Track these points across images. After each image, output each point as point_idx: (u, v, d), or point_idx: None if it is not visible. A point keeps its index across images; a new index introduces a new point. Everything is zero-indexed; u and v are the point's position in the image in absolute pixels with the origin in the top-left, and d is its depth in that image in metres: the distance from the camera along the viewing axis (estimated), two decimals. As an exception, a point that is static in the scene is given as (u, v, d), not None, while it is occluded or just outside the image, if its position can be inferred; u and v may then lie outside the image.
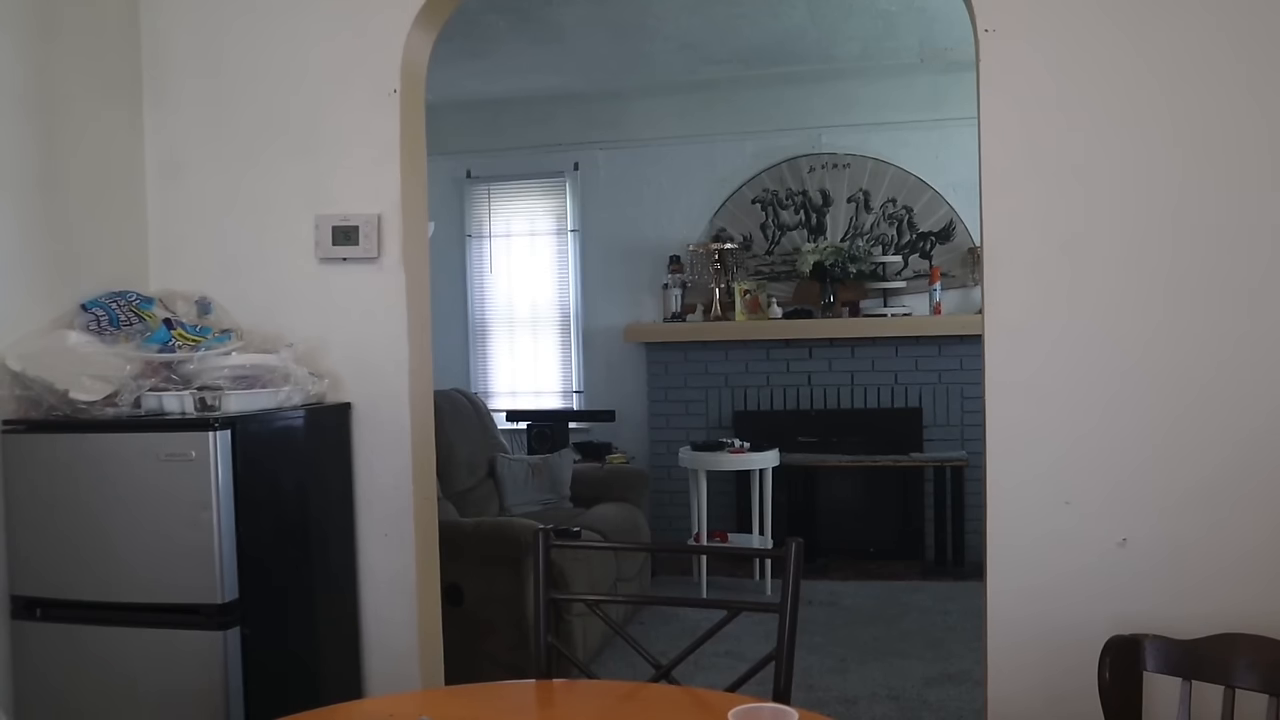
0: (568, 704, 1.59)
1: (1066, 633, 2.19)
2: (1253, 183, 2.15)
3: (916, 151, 5.67)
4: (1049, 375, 2.24)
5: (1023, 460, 2.26)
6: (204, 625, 2.15)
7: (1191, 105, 2.17)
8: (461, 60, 5.10)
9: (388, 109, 2.55)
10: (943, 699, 3.63)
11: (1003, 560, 2.27)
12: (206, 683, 2.14)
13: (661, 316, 5.91)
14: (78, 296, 2.42)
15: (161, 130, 2.68)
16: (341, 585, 2.56)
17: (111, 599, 2.18)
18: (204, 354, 2.34)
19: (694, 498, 5.22)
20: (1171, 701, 1.67)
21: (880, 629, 4.49)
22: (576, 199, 6.17)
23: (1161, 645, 1.70)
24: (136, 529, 2.17)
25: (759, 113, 5.80)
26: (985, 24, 2.26)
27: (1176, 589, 2.17)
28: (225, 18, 2.64)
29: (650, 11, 4.66)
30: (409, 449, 2.56)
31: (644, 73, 5.55)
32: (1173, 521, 2.19)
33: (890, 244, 5.75)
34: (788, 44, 5.11)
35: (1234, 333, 2.16)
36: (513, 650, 3.48)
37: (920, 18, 4.71)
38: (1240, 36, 2.15)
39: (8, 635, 2.24)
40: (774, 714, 1.20)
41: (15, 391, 2.24)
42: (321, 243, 2.56)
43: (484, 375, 6.41)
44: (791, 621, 1.64)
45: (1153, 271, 2.19)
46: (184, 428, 2.17)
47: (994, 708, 2.29)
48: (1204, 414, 2.18)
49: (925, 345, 5.60)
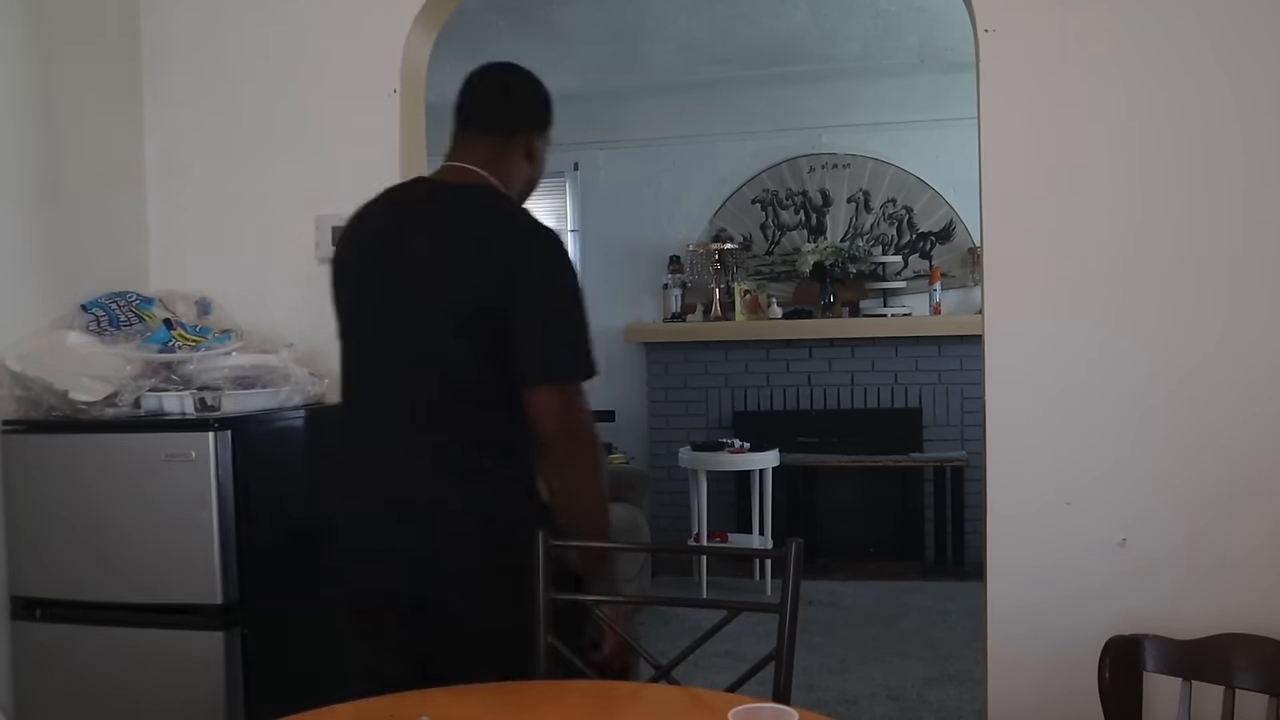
0: (568, 704, 1.59)
1: (1066, 632, 2.19)
2: (1255, 181, 2.15)
3: (916, 151, 5.67)
4: (1049, 375, 2.24)
5: (1023, 460, 2.26)
6: (204, 625, 2.15)
7: (1191, 105, 2.17)
8: (462, 60, 5.09)
9: (388, 109, 2.55)
10: (943, 699, 3.63)
11: (1003, 560, 2.27)
12: (206, 683, 2.14)
13: (661, 316, 5.90)
14: (78, 296, 2.42)
15: (161, 130, 2.68)
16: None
17: (111, 599, 2.18)
18: (204, 354, 2.34)
19: (694, 498, 5.22)
20: (1171, 701, 1.67)
21: (880, 629, 4.49)
22: (576, 199, 6.17)
23: (1161, 645, 1.70)
24: (136, 529, 2.17)
25: (759, 113, 5.79)
26: (985, 24, 2.26)
27: (1176, 589, 2.17)
28: (225, 18, 2.64)
29: (650, 12, 4.66)
30: (409, 449, 2.56)
31: (644, 73, 5.55)
32: (1173, 521, 2.19)
33: (890, 244, 5.75)
34: (788, 44, 5.11)
35: (1235, 332, 2.16)
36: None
37: (920, 18, 4.70)
38: (1241, 36, 2.15)
39: (8, 635, 2.24)
40: (774, 714, 1.20)
41: (15, 391, 2.24)
42: (321, 243, 2.56)
43: (484, 375, 6.40)
44: (791, 621, 1.64)
45: (1153, 271, 2.19)
46: (184, 428, 2.17)
47: (994, 707, 2.29)
48: (1204, 414, 2.18)
49: (925, 345, 5.60)
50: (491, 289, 1.61)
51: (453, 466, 1.66)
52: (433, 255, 1.67)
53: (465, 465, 1.67)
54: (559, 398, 1.63)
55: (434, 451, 1.67)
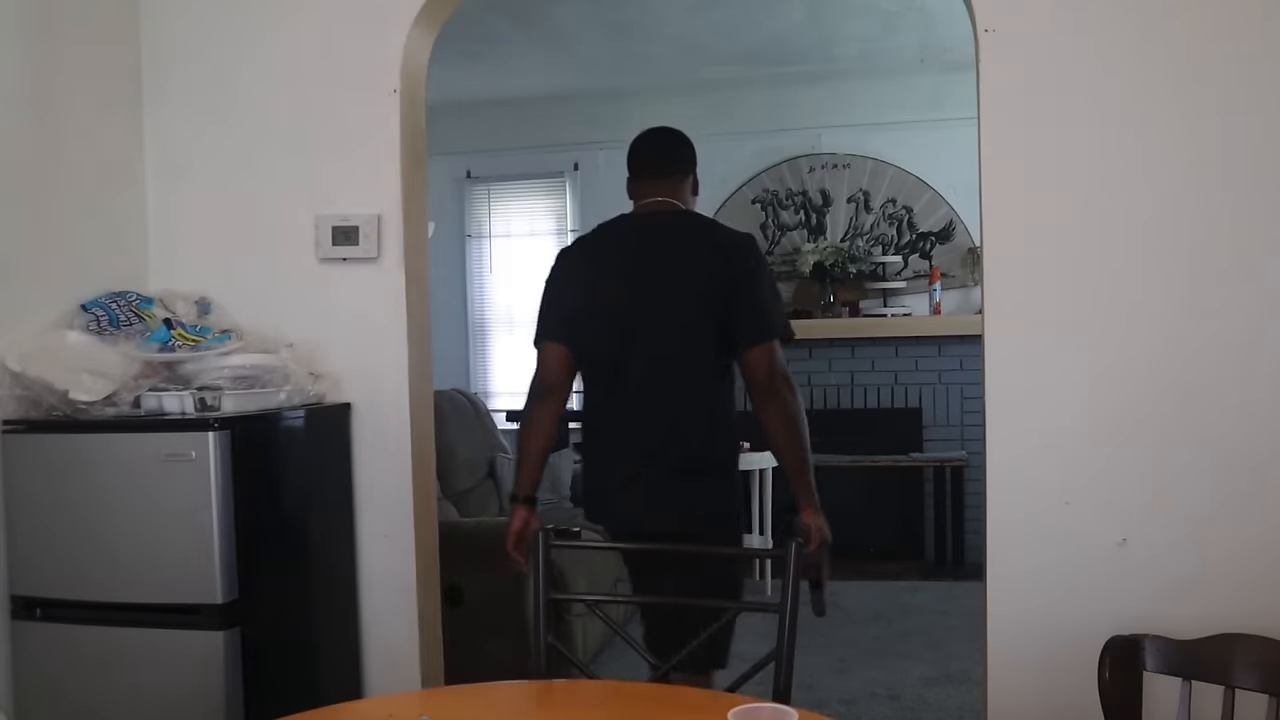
0: (568, 704, 1.59)
1: (1066, 632, 2.19)
2: (1256, 182, 2.15)
3: (916, 151, 5.66)
4: (1049, 375, 2.24)
5: (1023, 460, 2.26)
6: (204, 625, 2.15)
7: (1191, 105, 2.17)
8: (461, 60, 5.10)
9: (388, 109, 2.55)
10: (943, 699, 3.63)
11: (1003, 561, 2.27)
12: (206, 683, 2.14)
13: (661, 316, 5.90)
14: (78, 296, 2.42)
15: (161, 130, 2.68)
16: (341, 585, 2.56)
17: (111, 599, 2.18)
18: (204, 354, 2.34)
19: (694, 498, 5.20)
20: (1171, 701, 1.67)
21: (880, 629, 4.49)
22: (576, 199, 6.16)
23: (1161, 645, 1.70)
24: (136, 529, 2.17)
25: (759, 113, 5.79)
26: (985, 24, 2.26)
27: (1176, 589, 2.17)
28: (225, 17, 2.64)
29: (650, 12, 4.66)
30: (409, 449, 2.56)
31: (644, 73, 5.55)
32: (1173, 521, 2.19)
33: (890, 244, 5.75)
34: (788, 44, 5.11)
35: (1236, 331, 2.16)
36: (513, 650, 3.47)
37: (920, 18, 4.70)
38: (1241, 36, 2.15)
39: (8, 635, 2.24)
40: (774, 714, 1.20)
41: (15, 391, 2.24)
42: (321, 243, 2.56)
43: (484, 375, 6.41)
44: (791, 621, 1.64)
45: (1153, 271, 2.19)
46: (184, 428, 2.17)
47: (994, 707, 2.29)
48: (1205, 414, 2.18)
49: (925, 345, 5.59)
50: (719, 280, 2.27)
51: (696, 413, 2.30)
52: (679, 260, 2.32)
53: (704, 412, 2.31)
54: (770, 351, 2.25)
55: (683, 402, 2.29)
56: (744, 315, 2.27)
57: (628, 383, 2.29)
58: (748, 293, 2.28)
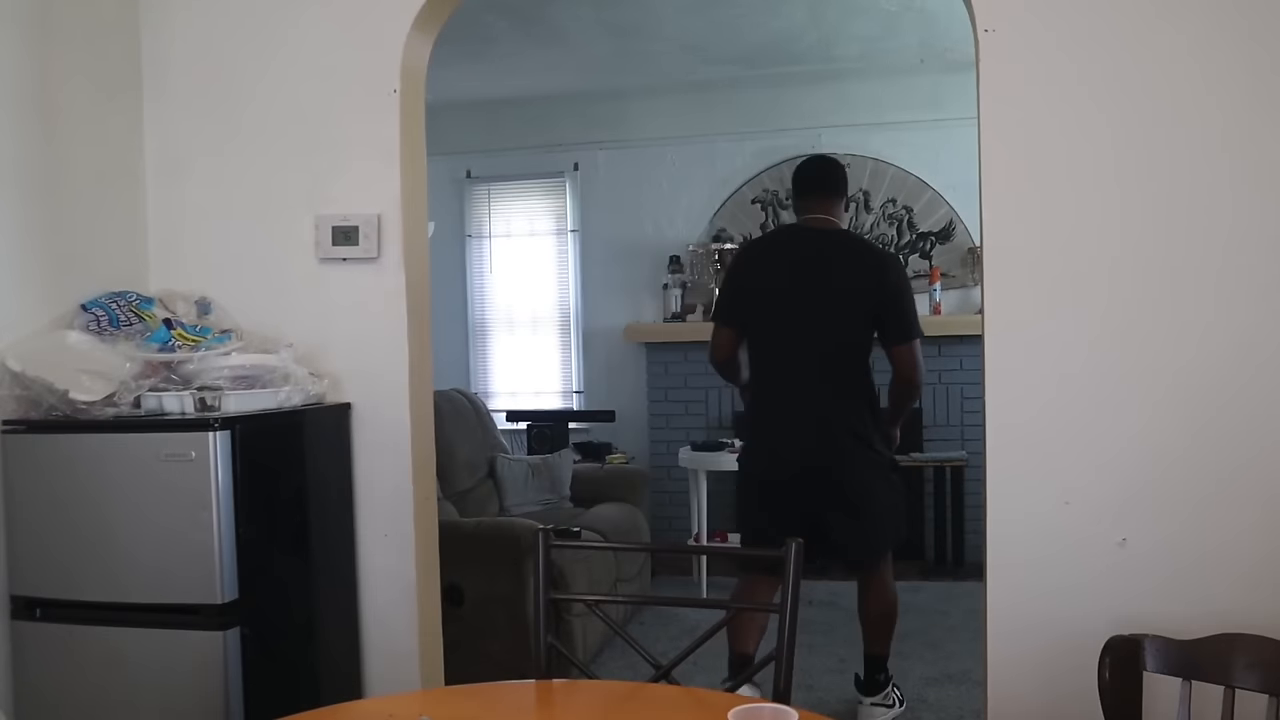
0: (568, 704, 1.59)
1: (1066, 633, 2.19)
2: (1255, 181, 2.15)
3: (916, 151, 5.66)
4: (1049, 375, 2.24)
5: (1023, 460, 2.26)
6: (204, 625, 2.15)
7: (1191, 104, 2.17)
8: (461, 60, 5.10)
9: (388, 109, 2.55)
10: (943, 699, 3.63)
11: (1003, 560, 2.27)
12: (206, 683, 2.14)
13: (661, 316, 5.90)
14: (78, 296, 2.42)
15: (161, 129, 2.68)
16: (341, 585, 2.56)
17: (111, 599, 2.19)
18: (204, 354, 2.34)
19: (694, 498, 5.22)
20: (1171, 701, 1.67)
21: (880, 629, 4.48)
22: (576, 199, 6.16)
23: (1161, 645, 1.70)
24: (136, 529, 2.17)
25: (759, 113, 5.79)
26: (985, 24, 2.26)
27: (1176, 589, 2.17)
28: (225, 17, 2.64)
29: (650, 12, 4.66)
30: (409, 449, 2.56)
31: (644, 73, 5.55)
32: (1173, 521, 2.19)
33: (890, 244, 5.74)
34: (788, 44, 5.11)
35: (1235, 332, 2.16)
36: (513, 650, 3.47)
37: (920, 18, 4.70)
38: (1241, 36, 2.15)
39: (8, 635, 2.24)
40: (774, 714, 1.20)
41: (15, 391, 2.24)
42: (321, 243, 2.56)
43: (484, 375, 6.41)
44: (791, 621, 1.64)
45: (1153, 271, 2.19)
46: (184, 428, 2.17)
47: (994, 707, 2.29)
48: (1205, 413, 2.18)
49: (925, 345, 5.55)
50: (873, 290, 3.09)
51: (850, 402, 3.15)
52: (844, 271, 3.11)
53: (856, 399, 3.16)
54: (912, 350, 3.15)
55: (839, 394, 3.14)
56: (892, 320, 3.10)
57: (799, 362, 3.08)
58: (895, 302, 3.09)
